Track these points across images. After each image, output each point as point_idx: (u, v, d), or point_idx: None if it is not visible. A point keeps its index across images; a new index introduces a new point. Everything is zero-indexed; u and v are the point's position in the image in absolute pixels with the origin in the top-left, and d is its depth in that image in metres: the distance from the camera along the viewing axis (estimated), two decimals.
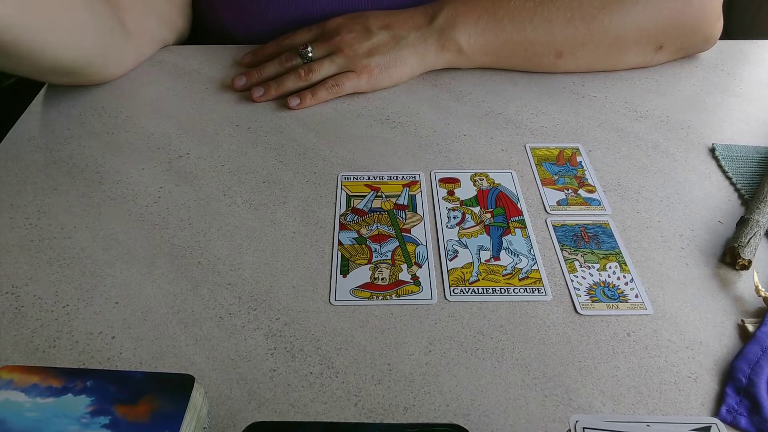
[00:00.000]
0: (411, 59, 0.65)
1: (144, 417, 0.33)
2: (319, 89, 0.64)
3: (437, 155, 0.58)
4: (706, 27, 0.68)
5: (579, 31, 0.64)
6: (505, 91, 0.66)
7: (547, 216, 0.52)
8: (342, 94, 0.64)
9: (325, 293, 0.46)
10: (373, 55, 0.64)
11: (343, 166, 0.57)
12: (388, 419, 0.38)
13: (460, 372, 0.41)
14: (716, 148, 0.59)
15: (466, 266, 0.48)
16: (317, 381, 0.40)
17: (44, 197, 0.53)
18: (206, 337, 0.43)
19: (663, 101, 0.65)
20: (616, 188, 0.55)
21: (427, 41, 0.65)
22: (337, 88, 0.64)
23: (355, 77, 0.64)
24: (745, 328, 0.43)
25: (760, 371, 0.40)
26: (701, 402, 0.39)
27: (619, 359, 0.42)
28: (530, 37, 0.65)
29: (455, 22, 0.64)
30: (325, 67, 0.64)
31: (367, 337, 0.43)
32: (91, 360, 0.41)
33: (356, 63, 0.64)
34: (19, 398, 0.34)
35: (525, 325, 0.44)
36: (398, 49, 0.64)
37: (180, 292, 0.46)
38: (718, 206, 0.53)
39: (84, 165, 0.57)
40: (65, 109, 0.63)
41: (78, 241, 0.50)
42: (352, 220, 0.52)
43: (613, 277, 0.47)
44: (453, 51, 0.65)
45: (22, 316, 0.44)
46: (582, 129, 0.62)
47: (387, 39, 0.64)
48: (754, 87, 0.68)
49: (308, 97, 0.63)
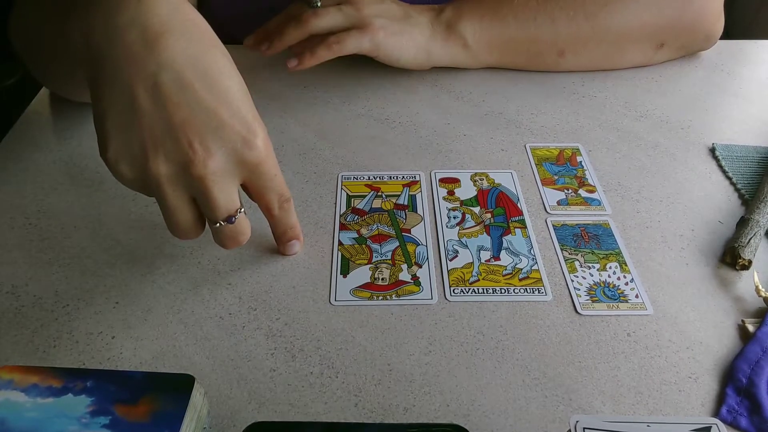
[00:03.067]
0: (418, 38, 0.63)
1: (144, 417, 0.33)
2: (319, 47, 0.59)
3: (437, 155, 0.58)
4: (707, 25, 0.68)
5: (582, 28, 0.65)
6: (505, 91, 0.66)
7: (548, 216, 0.52)
8: (343, 53, 0.60)
9: (325, 293, 0.46)
10: (383, 17, 0.61)
11: (343, 166, 0.57)
12: (388, 419, 0.38)
13: (460, 372, 0.41)
14: (716, 148, 0.59)
15: (466, 266, 0.48)
16: (317, 381, 0.40)
17: (44, 197, 0.53)
18: (206, 337, 0.43)
19: (663, 101, 0.65)
20: (617, 188, 0.55)
21: (435, 29, 0.64)
22: (337, 46, 0.59)
23: (358, 34, 0.60)
24: (745, 328, 0.43)
25: (761, 371, 0.40)
26: (701, 402, 0.39)
27: (620, 359, 0.42)
28: (534, 34, 0.65)
29: (461, 18, 0.64)
30: (330, 14, 0.60)
31: (367, 337, 0.43)
32: (91, 360, 0.41)
33: (363, 18, 0.60)
34: (19, 398, 0.34)
35: (525, 325, 0.44)
36: (408, 23, 0.63)
37: (180, 292, 0.46)
38: (719, 206, 0.53)
39: (84, 165, 0.57)
40: (65, 109, 0.63)
41: (78, 241, 0.50)
42: (352, 220, 0.52)
43: (613, 277, 0.47)
44: (459, 45, 0.65)
45: (22, 316, 0.44)
46: (582, 129, 0.62)
47: (398, 11, 0.63)
48: (755, 87, 0.68)
49: (307, 56, 0.59)
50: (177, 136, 0.36)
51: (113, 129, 0.37)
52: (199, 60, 0.37)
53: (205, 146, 0.37)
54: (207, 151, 0.37)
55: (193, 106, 0.37)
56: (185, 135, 0.36)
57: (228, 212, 0.39)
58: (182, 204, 0.39)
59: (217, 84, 0.38)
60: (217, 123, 0.37)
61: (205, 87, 0.37)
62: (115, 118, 0.37)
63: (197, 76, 0.37)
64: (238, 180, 0.40)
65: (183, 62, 0.37)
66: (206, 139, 0.37)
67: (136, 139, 0.37)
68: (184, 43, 0.37)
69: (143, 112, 0.36)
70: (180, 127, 0.36)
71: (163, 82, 0.36)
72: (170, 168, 0.37)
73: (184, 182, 0.38)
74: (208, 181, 0.37)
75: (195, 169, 0.37)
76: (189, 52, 0.37)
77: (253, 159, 0.38)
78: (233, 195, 0.39)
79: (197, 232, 0.41)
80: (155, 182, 0.37)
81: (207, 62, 0.38)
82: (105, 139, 0.37)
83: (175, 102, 0.36)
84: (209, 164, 0.37)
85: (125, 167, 0.37)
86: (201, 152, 0.36)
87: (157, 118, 0.36)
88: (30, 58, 0.57)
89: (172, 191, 0.38)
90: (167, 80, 0.36)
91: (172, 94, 0.36)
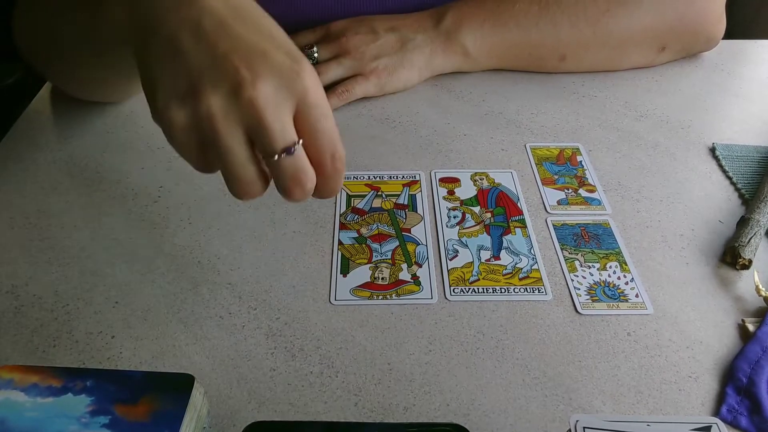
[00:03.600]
0: (418, 61, 0.65)
1: (144, 417, 0.33)
2: (329, 97, 0.62)
3: (437, 155, 0.58)
4: (708, 28, 0.68)
5: (583, 33, 0.64)
6: (505, 91, 0.66)
7: (548, 215, 0.52)
8: (352, 99, 0.63)
9: (325, 293, 0.46)
10: (381, 57, 0.63)
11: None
12: (388, 419, 0.38)
13: (460, 372, 0.41)
14: (716, 147, 0.59)
15: (466, 266, 0.48)
16: (317, 380, 0.40)
17: (44, 197, 0.53)
18: (206, 337, 0.43)
19: (663, 101, 0.65)
20: (617, 188, 0.55)
21: (434, 43, 0.65)
22: (347, 95, 0.63)
23: (363, 81, 0.63)
24: (745, 328, 0.43)
25: (761, 371, 0.40)
26: (701, 402, 0.39)
27: (620, 359, 0.42)
28: (535, 40, 0.65)
29: (461, 25, 0.64)
30: (332, 69, 0.63)
31: (367, 337, 0.43)
32: (91, 360, 0.41)
33: (364, 66, 0.63)
34: (19, 398, 0.34)
35: (525, 325, 0.44)
36: (405, 51, 0.64)
37: (180, 292, 0.46)
38: (719, 206, 0.53)
39: (84, 165, 0.57)
40: (65, 109, 0.63)
41: (78, 241, 0.50)
42: (352, 219, 0.52)
43: (613, 276, 0.47)
44: (460, 54, 0.65)
45: (22, 316, 0.44)
46: (582, 129, 0.62)
47: (394, 41, 0.64)
48: (755, 86, 0.68)
49: None
50: (223, 64, 0.36)
51: (160, 77, 0.37)
52: (239, 5, 0.38)
53: (252, 69, 0.36)
54: (255, 73, 0.36)
55: (237, 39, 0.37)
56: (231, 62, 0.36)
57: (285, 142, 0.37)
58: (238, 141, 0.37)
59: (258, 23, 0.38)
60: (262, 50, 0.37)
61: (246, 25, 0.38)
62: (162, 67, 0.37)
63: (238, 17, 0.38)
64: (290, 110, 0.38)
65: (223, 7, 0.38)
66: (253, 64, 0.36)
67: (183, 78, 0.36)
68: None
69: (187, 51, 0.36)
70: (225, 56, 0.36)
71: (205, 23, 0.37)
72: (220, 98, 0.36)
73: (235, 113, 0.36)
74: (259, 105, 0.36)
75: (245, 92, 0.35)
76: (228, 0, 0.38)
77: (302, 86, 0.37)
78: (288, 124, 0.37)
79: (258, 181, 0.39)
80: (207, 118, 0.36)
81: (246, 6, 0.39)
82: (153, 91, 0.37)
83: (219, 36, 0.37)
84: (258, 85, 0.36)
85: (175, 111, 0.36)
86: (248, 75, 0.36)
87: (202, 54, 0.36)
88: (39, 56, 0.57)
89: (225, 125, 0.36)
90: (209, 22, 0.37)
91: (214, 31, 0.37)
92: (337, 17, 0.66)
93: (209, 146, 0.37)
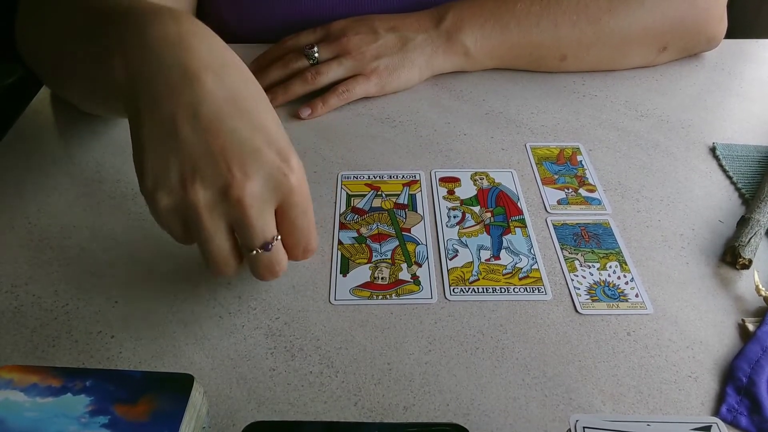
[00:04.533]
0: (419, 60, 0.65)
1: (143, 416, 0.33)
2: (330, 97, 0.62)
3: (437, 154, 0.58)
4: (709, 28, 0.68)
5: (585, 33, 0.64)
6: (505, 91, 0.66)
7: (548, 215, 0.52)
8: (352, 99, 0.63)
9: (324, 292, 0.46)
10: (381, 57, 0.63)
11: (343, 165, 0.57)
12: (388, 419, 0.38)
13: (460, 372, 0.41)
14: (717, 147, 0.59)
15: (466, 265, 0.48)
16: (317, 380, 0.40)
17: (44, 197, 0.53)
18: (206, 337, 0.43)
19: (663, 100, 0.65)
20: (617, 187, 0.55)
21: (435, 43, 0.65)
22: (347, 94, 0.63)
23: (364, 81, 0.63)
24: (745, 328, 0.43)
25: (761, 370, 0.40)
26: (701, 401, 0.39)
27: (620, 359, 0.42)
28: (536, 40, 0.65)
29: (462, 25, 0.64)
30: (333, 69, 0.63)
31: (367, 337, 0.43)
32: (90, 359, 0.41)
33: (364, 65, 0.63)
34: (19, 398, 0.34)
35: (525, 325, 0.44)
36: (406, 50, 0.64)
37: (179, 292, 0.46)
38: (719, 205, 0.53)
39: (84, 165, 0.57)
40: (65, 109, 0.63)
41: (78, 241, 0.50)
42: (352, 219, 0.52)
43: (613, 276, 0.47)
44: (460, 54, 0.65)
45: (22, 316, 0.44)
46: (582, 128, 0.62)
47: (394, 40, 0.64)
48: (755, 86, 0.68)
49: (319, 106, 0.62)
50: (216, 162, 0.37)
51: (153, 157, 0.38)
52: (237, 93, 0.39)
53: (243, 171, 0.37)
54: (245, 175, 0.37)
55: (232, 134, 0.38)
56: (224, 160, 0.37)
57: (265, 238, 0.39)
58: (220, 232, 0.39)
59: (254, 115, 0.39)
60: (254, 149, 0.38)
61: (242, 117, 0.38)
62: (156, 147, 0.38)
63: (235, 108, 0.38)
64: (273, 206, 0.40)
65: (221, 95, 0.38)
66: (245, 164, 0.37)
67: (175, 165, 0.37)
68: (221, 79, 0.39)
69: (183, 139, 0.37)
70: (219, 153, 0.37)
71: (203, 112, 0.37)
72: (208, 194, 0.37)
73: (222, 208, 0.38)
74: (245, 205, 0.37)
75: (233, 192, 0.37)
76: (226, 85, 0.39)
77: (288, 187, 0.39)
78: (270, 222, 0.39)
79: (234, 264, 0.41)
80: (193, 208, 0.37)
81: (243, 95, 0.39)
82: (144, 167, 0.38)
83: (215, 130, 0.37)
84: (247, 187, 0.37)
85: (163, 195, 0.38)
86: (239, 176, 0.37)
87: (197, 146, 0.37)
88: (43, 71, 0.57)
89: (210, 217, 0.38)
90: (207, 111, 0.38)
91: (211, 124, 0.37)
92: (340, 17, 0.66)
93: (191, 227, 0.39)
